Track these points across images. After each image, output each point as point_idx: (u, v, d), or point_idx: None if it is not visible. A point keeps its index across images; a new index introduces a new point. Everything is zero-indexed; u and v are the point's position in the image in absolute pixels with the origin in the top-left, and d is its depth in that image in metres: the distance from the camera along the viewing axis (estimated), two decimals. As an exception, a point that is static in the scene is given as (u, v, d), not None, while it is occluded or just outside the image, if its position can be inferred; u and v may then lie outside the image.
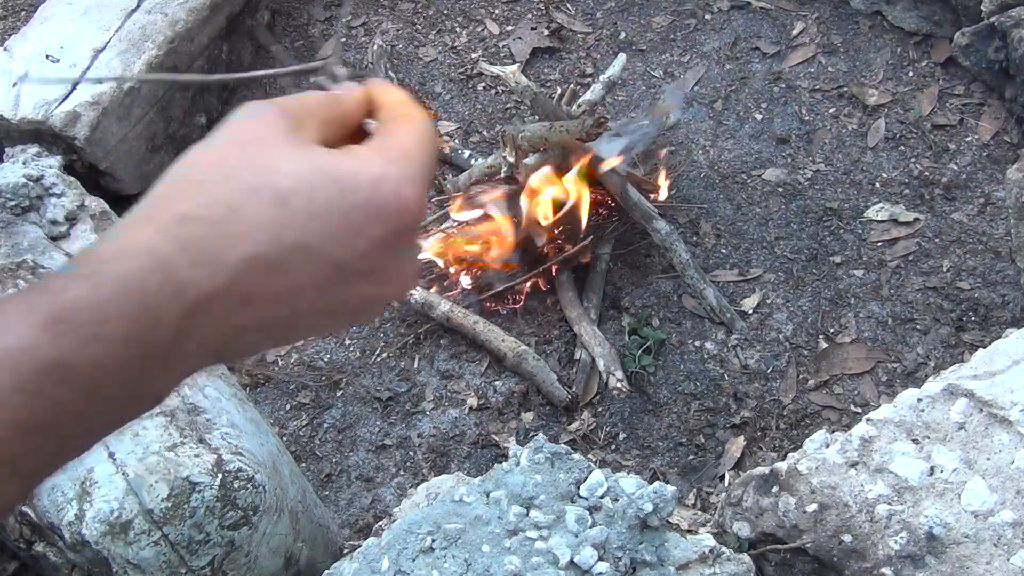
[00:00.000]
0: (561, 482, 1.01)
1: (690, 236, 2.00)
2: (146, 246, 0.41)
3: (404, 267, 0.48)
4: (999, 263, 1.91)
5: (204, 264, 0.41)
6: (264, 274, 0.43)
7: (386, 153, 0.47)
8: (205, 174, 0.45)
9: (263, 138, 0.46)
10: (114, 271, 0.40)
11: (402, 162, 0.47)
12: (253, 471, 1.12)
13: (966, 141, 2.11)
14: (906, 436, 1.21)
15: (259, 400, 1.81)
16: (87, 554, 1.07)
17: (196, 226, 0.42)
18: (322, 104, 0.51)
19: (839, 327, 1.87)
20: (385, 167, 0.46)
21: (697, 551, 1.15)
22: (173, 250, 0.41)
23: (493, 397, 1.81)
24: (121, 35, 2.05)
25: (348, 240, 0.45)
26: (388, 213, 0.45)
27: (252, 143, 0.46)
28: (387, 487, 1.71)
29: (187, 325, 0.41)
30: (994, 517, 1.11)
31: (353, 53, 2.39)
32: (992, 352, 1.30)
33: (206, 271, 0.41)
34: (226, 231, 0.43)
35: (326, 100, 0.52)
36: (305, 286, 0.45)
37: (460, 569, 0.92)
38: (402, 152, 0.48)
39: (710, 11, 2.41)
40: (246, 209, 0.43)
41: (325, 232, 0.44)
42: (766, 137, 2.17)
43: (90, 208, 1.60)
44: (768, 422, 1.76)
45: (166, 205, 0.43)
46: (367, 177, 0.45)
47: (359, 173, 0.45)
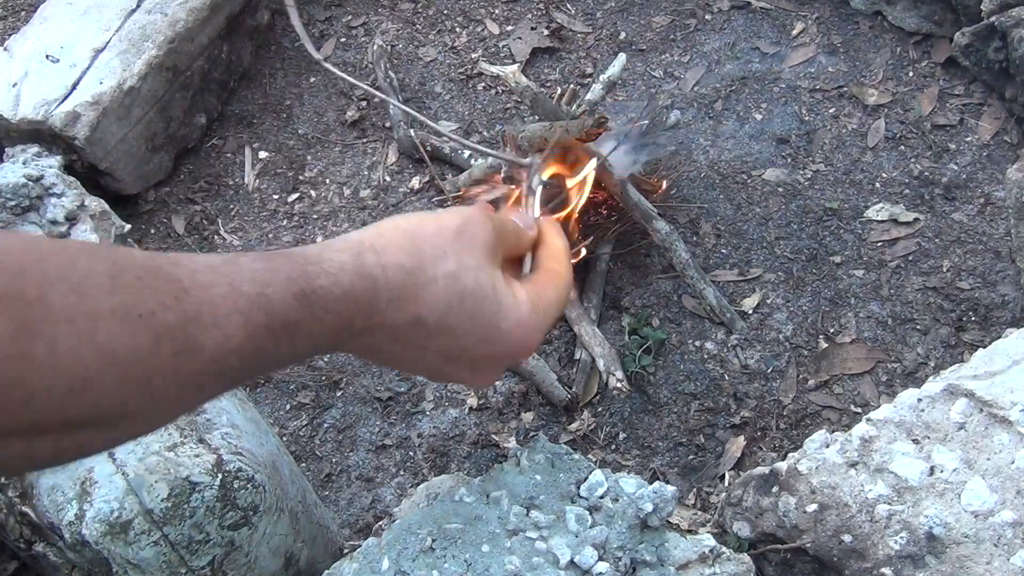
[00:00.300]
0: (561, 482, 1.01)
1: (690, 236, 2.00)
2: (371, 273, 0.58)
3: (494, 375, 0.69)
4: (999, 263, 1.91)
5: (395, 302, 0.59)
6: (421, 332, 0.61)
7: (537, 302, 0.67)
8: (425, 241, 0.62)
9: (474, 239, 0.64)
10: (347, 280, 0.56)
11: (542, 315, 0.67)
12: (253, 471, 1.12)
13: (966, 141, 2.11)
14: (906, 436, 1.21)
15: (259, 400, 1.81)
16: (87, 554, 1.07)
17: (405, 276, 0.60)
18: (512, 236, 0.72)
19: (839, 327, 1.87)
20: (531, 315, 0.66)
21: (697, 551, 1.15)
22: (385, 285, 0.58)
23: (493, 397, 1.81)
24: (121, 35, 2.05)
25: (480, 345, 0.64)
26: (514, 346, 0.65)
27: (467, 238, 0.64)
28: (387, 487, 1.71)
29: (360, 335, 0.59)
30: (994, 517, 1.11)
31: (353, 53, 2.39)
32: (992, 352, 1.30)
33: (394, 308, 0.59)
34: (419, 294, 0.60)
35: (516, 234, 0.73)
36: (437, 353, 0.64)
37: (460, 569, 0.92)
38: (545, 307, 0.68)
39: (710, 11, 2.41)
40: (437, 285, 0.61)
41: (471, 331, 0.63)
42: (766, 137, 2.17)
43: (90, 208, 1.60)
44: (768, 422, 1.76)
45: (391, 248, 0.60)
46: (516, 316, 0.65)
47: (515, 308, 0.65)
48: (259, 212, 2.13)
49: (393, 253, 0.60)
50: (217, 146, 2.27)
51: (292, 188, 2.17)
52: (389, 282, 0.59)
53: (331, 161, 2.21)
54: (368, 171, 2.18)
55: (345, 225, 2.09)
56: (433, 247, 0.62)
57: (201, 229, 2.09)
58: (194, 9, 2.13)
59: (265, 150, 2.25)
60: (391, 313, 0.59)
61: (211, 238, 2.08)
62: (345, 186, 2.16)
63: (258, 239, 2.07)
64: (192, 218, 2.11)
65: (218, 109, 2.31)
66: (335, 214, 2.11)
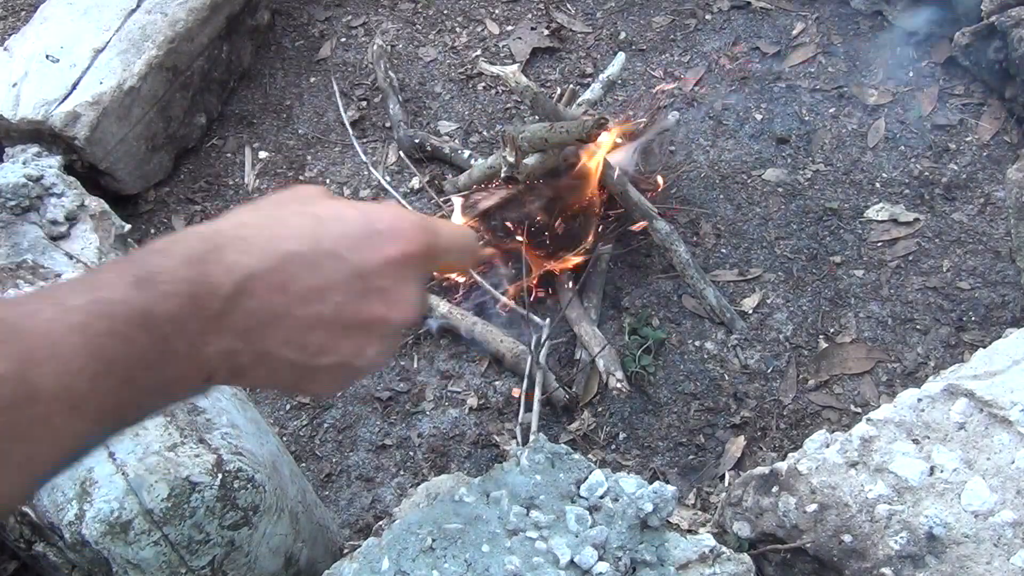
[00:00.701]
0: (561, 482, 1.01)
1: (690, 236, 2.00)
2: (207, 235, 0.52)
3: (409, 294, 0.57)
4: (999, 263, 1.91)
5: (252, 252, 0.52)
6: (301, 268, 0.53)
7: (413, 214, 0.59)
8: (262, 204, 0.58)
9: (311, 195, 0.59)
10: (180, 250, 0.50)
11: (421, 218, 0.59)
12: (253, 471, 1.12)
13: (966, 141, 2.11)
14: (906, 436, 1.21)
15: (259, 400, 1.81)
16: (87, 554, 1.07)
17: (249, 229, 0.53)
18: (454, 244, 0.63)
19: (839, 327, 1.87)
20: (407, 214, 0.58)
21: (697, 551, 1.15)
22: (228, 240, 0.52)
23: (493, 397, 1.81)
24: (121, 35, 2.05)
25: (369, 254, 0.55)
26: (402, 238, 0.56)
27: (300, 195, 0.59)
28: (387, 487, 1.71)
29: (235, 296, 0.51)
30: (994, 517, 1.11)
31: (353, 53, 2.39)
32: (992, 352, 1.30)
33: (255, 257, 0.52)
34: (273, 234, 0.54)
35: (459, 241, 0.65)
36: (333, 287, 0.54)
37: (460, 569, 0.92)
38: (424, 217, 0.59)
39: (710, 11, 2.41)
40: (291, 222, 0.55)
41: (352, 245, 0.54)
42: (766, 137, 2.17)
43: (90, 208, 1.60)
44: (768, 422, 1.76)
45: (228, 216, 0.55)
46: (390, 213, 0.57)
47: (384, 210, 0.57)
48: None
49: (227, 219, 0.56)
50: (217, 146, 2.27)
51: (292, 188, 2.17)
52: (235, 237, 0.53)
53: (331, 161, 2.21)
54: (368, 171, 2.17)
55: (345, 225, 2.09)
56: (270, 203, 0.59)
57: (201, 229, 2.10)
58: (194, 9, 2.13)
59: (265, 150, 2.25)
60: (252, 260, 0.52)
61: (211, 238, 2.08)
62: (345, 186, 2.16)
63: (258, 239, 2.07)
64: (192, 218, 2.11)
65: (218, 109, 2.31)
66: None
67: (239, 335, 0.52)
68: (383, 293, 0.56)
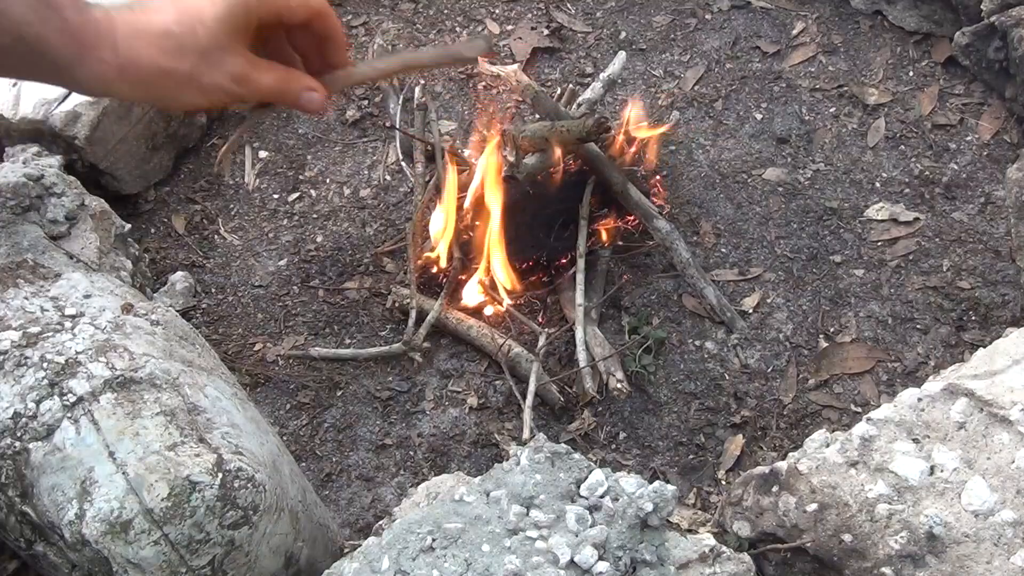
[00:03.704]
0: (561, 481, 1.01)
1: (690, 236, 2.00)
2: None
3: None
4: (999, 263, 1.91)
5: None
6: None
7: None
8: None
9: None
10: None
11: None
12: (253, 471, 1.12)
13: (966, 141, 2.11)
14: (906, 435, 1.21)
15: (259, 400, 1.81)
16: (87, 554, 1.07)
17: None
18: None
19: (839, 326, 1.87)
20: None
21: (697, 551, 1.15)
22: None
23: (493, 397, 1.81)
24: (121, 35, 2.05)
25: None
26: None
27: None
28: (387, 487, 1.71)
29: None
30: (994, 516, 1.11)
31: (354, 53, 2.39)
32: (992, 352, 1.30)
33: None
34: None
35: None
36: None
37: (460, 568, 0.92)
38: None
39: (710, 11, 2.41)
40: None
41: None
42: (766, 137, 2.17)
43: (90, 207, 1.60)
44: (768, 421, 1.76)
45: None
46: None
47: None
48: (259, 212, 2.13)
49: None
50: (217, 146, 2.27)
51: (292, 188, 2.17)
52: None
53: (331, 160, 2.21)
54: (368, 170, 2.18)
55: (345, 224, 2.09)
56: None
57: (201, 228, 2.09)
58: (194, 9, 2.12)
59: (265, 149, 2.25)
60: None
61: (211, 237, 2.08)
62: (345, 185, 2.16)
63: (258, 238, 2.07)
64: (192, 217, 2.11)
65: (218, 109, 2.31)
66: (335, 213, 2.11)
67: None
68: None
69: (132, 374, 1.16)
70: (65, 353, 1.18)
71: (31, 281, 1.32)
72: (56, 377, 1.14)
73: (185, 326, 1.39)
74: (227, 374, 1.41)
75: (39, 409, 1.12)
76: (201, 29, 1.10)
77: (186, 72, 1.09)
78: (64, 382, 1.14)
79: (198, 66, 1.10)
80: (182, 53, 1.08)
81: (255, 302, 1.96)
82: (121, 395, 1.14)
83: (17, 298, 1.27)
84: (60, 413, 1.11)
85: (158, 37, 1.08)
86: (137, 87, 1.10)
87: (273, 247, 2.05)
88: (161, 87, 1.11)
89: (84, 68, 1.05)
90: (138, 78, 1.09)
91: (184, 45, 1.09)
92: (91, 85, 1.08)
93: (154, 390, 1.16)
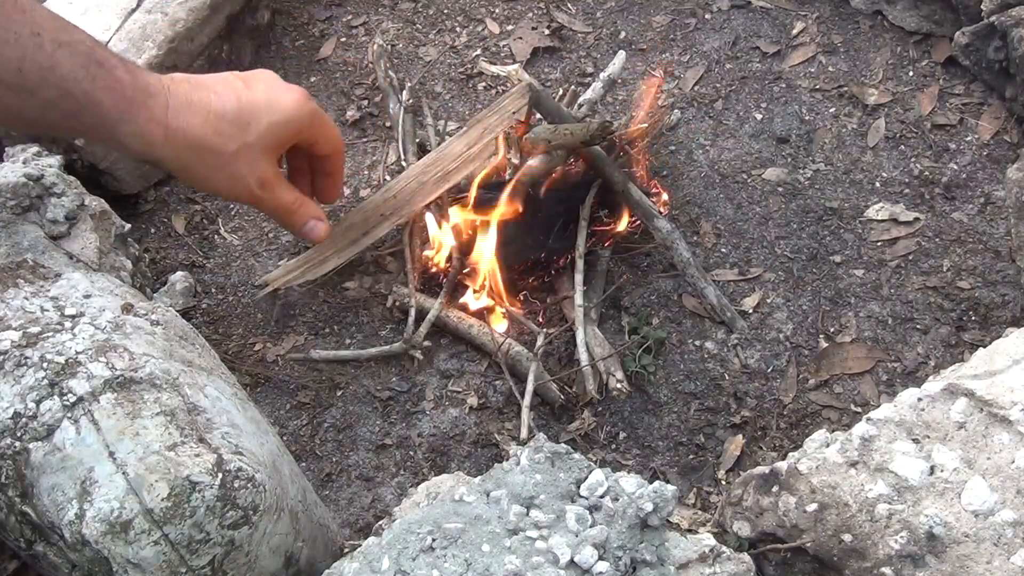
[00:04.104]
0: (561, 481, 1.01)
1: (690, 235, 2.00)
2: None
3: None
4: (999, 263, 1.92)
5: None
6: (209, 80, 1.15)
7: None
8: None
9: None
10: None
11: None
12: (253, 471, 1.12)
13: (966, 141, 2.11)
14: (906, 435, 1.21)
15: (259, 400, 1.81)
16: (87, 554, 1.07)
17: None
18: (318, 130, 1.36)
19: (839, 327, 1.87)
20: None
21: (697, 550, 1.15)
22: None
23: (493, 397, 1.81)
24: (121, 35, 2.05)
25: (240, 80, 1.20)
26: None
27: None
28: (387, 487, 1.71)
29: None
30: (994, 516, 1.11)
31: (354, 52, 2.39)
32: (992, 351, 1.30)
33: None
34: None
35: (324, 131, 1.45)
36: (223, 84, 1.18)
37: (460, 568, 0.92)
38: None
39: (710, 11, 2.41)
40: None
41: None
42: (766, 137, 2.17)
43: (90, 207, 1.60)
44: (768, 421, 1.76)
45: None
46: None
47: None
48: (259, 212, 2.13)
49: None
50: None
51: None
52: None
53: (331, 161, 2.21)
54: (368, 170, 2.18)
55: (345, 225, 2.09)
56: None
57: (201, 229, 2.09)
58: (194, 9, 2.13)
59: (265, 150, 2.25)
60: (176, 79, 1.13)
61: (211, 238, 2.08)
62: (345, 185, 2.16)
63: (258, 238, 2.07)
64: (192, 217, 2.11)
65: (218, 109, 2.31)
66: (335, 213, 2.11)
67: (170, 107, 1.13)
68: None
69: (132, 374, 1.16)
70: (65, 353, 1.18)
71: (31, 281, 1.32)
72: (56, 377, 1.14)
73: (185, 326, 1.39)
74: (227, 374, 1.41)
75: (39, 409, 1.12)
76: (254, 127, 1.19)
77: (228, 155, 1.18)
78: (64, 382, 1.14)
79: (239, 154, 1.19)
80: (231, 138, 1.17)
81: (255, 302, 1.96)
82: (121, 395, 1.14)
83: (17, 298, 1.27)
84: (60, 413, 1.11)
85: (214, 116, 1.15)
86: (180, 154, 1.16)
87: (273, 247, 2.05)
88: (200, 161, 1.17)
89: (130, 126, 1.10)
90: (184, 145, 1.15)
91: (235, 133, 1.17)
92: (134, 144, 1.15)
93: (154, 390, 1.16)
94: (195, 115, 1.13)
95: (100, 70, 1.05)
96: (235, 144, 1.15)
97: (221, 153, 1.16)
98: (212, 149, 1.15)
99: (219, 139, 1.14)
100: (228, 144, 1.14)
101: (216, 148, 1.15)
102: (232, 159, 1.18)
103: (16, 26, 0.92)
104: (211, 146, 1.14)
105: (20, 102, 0.96)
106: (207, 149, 1.15)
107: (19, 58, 0.93)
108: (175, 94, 1.13)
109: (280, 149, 1.30)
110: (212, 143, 1.14)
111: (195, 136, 1.14)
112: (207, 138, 1.14)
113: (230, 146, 1.15)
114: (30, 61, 0.93)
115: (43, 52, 0.94)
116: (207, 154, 1.16)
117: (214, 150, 1.15)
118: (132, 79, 1.08)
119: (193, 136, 1.14)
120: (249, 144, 1.16)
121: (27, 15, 0.96)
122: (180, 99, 1.13)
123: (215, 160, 1.17)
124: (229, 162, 1.18)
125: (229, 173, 1.21)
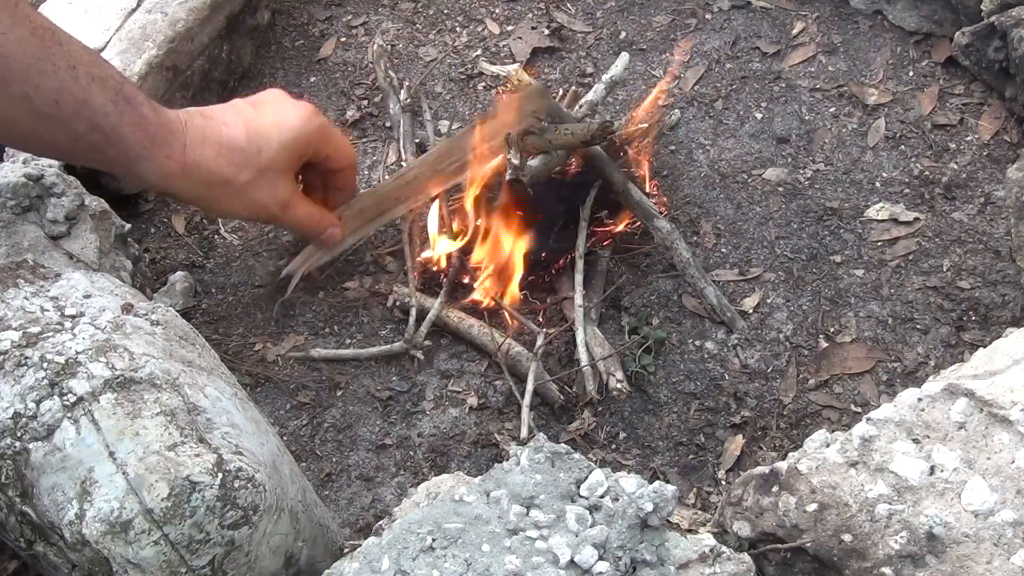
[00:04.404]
0: (561, 481, 1.01)
1: (690, 235, 2.00)
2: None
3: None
4: (999, 263, 1.92)
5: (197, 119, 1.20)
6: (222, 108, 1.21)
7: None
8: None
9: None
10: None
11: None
12: (253, 471, 1.12)
13: (966, 141, 2.11)
14: (906, 436, 1.21)
15: (259, 400, 1.81)
16: (87, 554, 1.07)
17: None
18: (331, 146, 1.30)
19: (839, 327, 1.87)
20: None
21: (697, 551, 1.15)
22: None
23: (493, 397, 1.81)
24: (121, 35, 2.05)
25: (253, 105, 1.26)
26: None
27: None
28: (387, 487, 1.71)
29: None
30: (994, 516, 1.11)
31: (353, 52, 2.39)
32: (992, 351, 1.30)
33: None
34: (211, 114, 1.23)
35: (337, 146, 1.39)
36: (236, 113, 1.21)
37: (460, 568, 0.92)
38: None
39: (710, 11, 2.41)
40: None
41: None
42: (766, 136, 2.17)
43: (90, 208, 1.60)
44: (768, 421, 1.76)
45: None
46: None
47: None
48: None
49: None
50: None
51: (292, 188, 2.17)
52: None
53: (331, 161, 2.21)
54: (368, 171, 2.18)
55: (345, 225, 2.09)
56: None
57: (201, 229, 2.09)
58: (194, 9, 2.12)
59: (265, 150, 2.25)
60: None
61: (211, 238, 2.08)
62: (345, 186, 2.16)
63: (258, 238, 2.07)
64: (192, 217, 2.11)
65: (218, 109, 2.31)
66: (335, 214, 2.11)
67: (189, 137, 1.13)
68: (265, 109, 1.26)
69: (132, 374, 1.17)
70: (65, 353, 1.18)
71: (31, 281, 1.32)
72: (56, 377, 1.14)
73: (185, 326, 1.39)
74: (227, 374, 1.41)
75: (39, 409, 1.12)
76: (266, 150, 1.23)
77: (243, 183, 1.22)
78: (64, 382, 1.14)
79: (254, 181, 1.23)
80: (245, 166, 1.21)
81: (255, 302, 1.96)
82: (121, 395, 1.14)
83: (17, 298, 1.27)
84: (60, 413, 1.11)
85: (226, 148, 1.18)
86: (196, 187, 1.21)
87: (273, 247, 2.05)
88: (216, 192, 1.22)
89: (151, 163, 1.14)
90: (199, 179, 1.18)
91: (248, 160, 1.21)
92: (153, 179, 1.19)
93: (154, 390, 1.16)
94: (209, 148, 1.16)
95: (127, 106, 1.06)
96: (249, 172, 1.18)
97: (236, 183, 1.20)
98: (227, 180, 1.18)
99: (232, 169, 1.16)
100: (241, 174, 1.18)
101: (231, 179, 1.18)
102: (247, 187, 1.21)
103: (55, 58, 0.91)
104: (226, 177, 1.17)
105: (51, 133, 0.97)
106: (222, 181, 1.18)
107: (56, 90, 0.93)
108: (192, 129, 1.16)
109: (294, 167, 1.34)
110: (226, 174, 1.17)
111: (209, 169, 1.16)
112: (221, 170, 1.16)
113: (243, 175, 1.18)
114: (66, 93, 0.94)
115: (78, 85, 0.94)
116: (223, 185, 1.18)
117: (229, 181, 1.19)
118: (156, 116, 1.10)
119: (207, 169, 1.16)
120: (263, 169, 1.20)
121: (64, 48, 0.96)
122: (195, 134, 1.15)
123: (231, 190, 1.20)
124: (245, 190, 1.21)
125: (246, 200, 1.25)
